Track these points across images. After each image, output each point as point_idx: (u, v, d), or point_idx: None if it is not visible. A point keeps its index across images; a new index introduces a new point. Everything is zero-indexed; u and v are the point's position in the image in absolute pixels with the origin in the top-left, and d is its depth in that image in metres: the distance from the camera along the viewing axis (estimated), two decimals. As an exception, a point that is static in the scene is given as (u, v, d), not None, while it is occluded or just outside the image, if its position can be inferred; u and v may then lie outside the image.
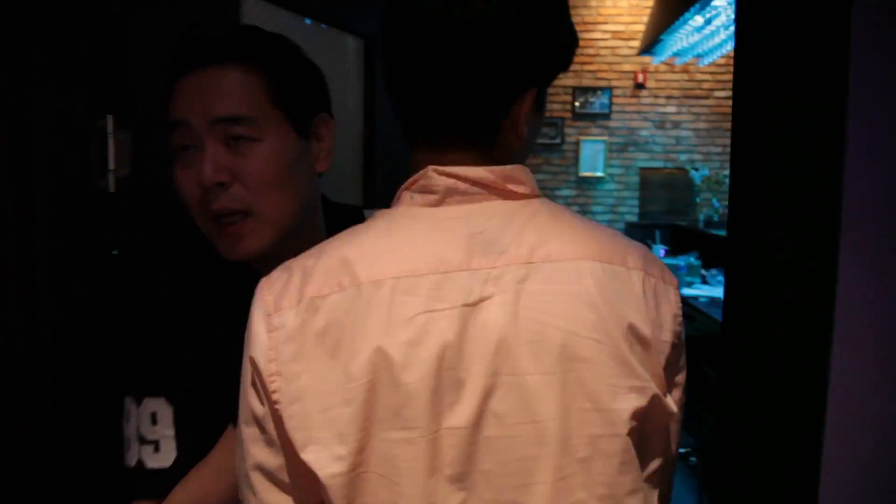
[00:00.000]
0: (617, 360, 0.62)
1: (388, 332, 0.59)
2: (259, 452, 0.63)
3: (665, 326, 0.66)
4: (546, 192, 5.28)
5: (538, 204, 0.68)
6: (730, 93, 0.99)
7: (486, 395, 0.60)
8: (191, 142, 0.81)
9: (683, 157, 5.83)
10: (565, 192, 5.39)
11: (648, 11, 5.03)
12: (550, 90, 0.74)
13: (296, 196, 0.85)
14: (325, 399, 0.59)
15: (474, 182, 0.65)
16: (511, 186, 0.66)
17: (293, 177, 0.84)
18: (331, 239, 0.68)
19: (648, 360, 0.64)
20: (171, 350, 0.85)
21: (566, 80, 5.17)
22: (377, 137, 1.91)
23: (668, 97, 5.78)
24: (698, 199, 5.21)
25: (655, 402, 0.63)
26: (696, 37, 4.23)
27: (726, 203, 5.10)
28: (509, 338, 0.60)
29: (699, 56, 4.73)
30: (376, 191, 1.92)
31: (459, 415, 0.59)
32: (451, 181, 0.65)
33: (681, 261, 3.87)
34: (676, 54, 4.89)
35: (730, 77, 1.00)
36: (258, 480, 0.63)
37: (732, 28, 3.91)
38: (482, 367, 0.60)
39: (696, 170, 5.29)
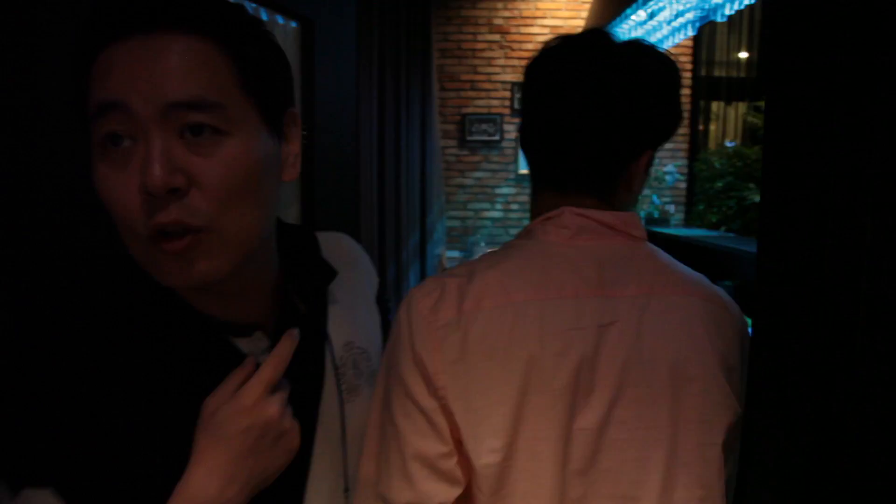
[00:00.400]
0: (716, 380, 0.75)
1: (540, 343, 0.70)
2: (421, 442, 0.71)
3: (743, 356, 0.78)
4: (486, 189, 4.97)
5: (650, 246, 0.81)
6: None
7: (613, 403, 0.71)
8: (127, 132, 0.60)
9: (622, 155, 5.80)
10: (505, 190, 5.17)
11: (587, 7, 4.96)
12: (488, 85, 0.93)
13: (264, 210, 0.67)
14: (484, 397, 0.69)
15: (604, 223, 0.78)
16: (630, 230, 0.79)
17: (264, 185, 0.66)
18: (474, 262, 0.78)
19: (732, 384, 0.76)
20: (62, 425, 0.63)
21: (504, 75, 4.99)
22: (316, 132, 1.66)
23: (606, 94, 5.74)
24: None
25: (737, 421, 0.75)
26: (639, 31, 4.17)
27: (665, 200, 5.10)
28: (633, 356, 0.72)
29: (639, 52, 4.70)
30: (315, 198, 1.67)
31: (589, 418, 0.70)
32: (585, 221, 0.78)
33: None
34: (616, 50, 4.83)
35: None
36: (417, 469, 0.70)
37: (675, 23, 3.86)
38: (611, 378, 0.71)
39: (637, 167, 5.28)
